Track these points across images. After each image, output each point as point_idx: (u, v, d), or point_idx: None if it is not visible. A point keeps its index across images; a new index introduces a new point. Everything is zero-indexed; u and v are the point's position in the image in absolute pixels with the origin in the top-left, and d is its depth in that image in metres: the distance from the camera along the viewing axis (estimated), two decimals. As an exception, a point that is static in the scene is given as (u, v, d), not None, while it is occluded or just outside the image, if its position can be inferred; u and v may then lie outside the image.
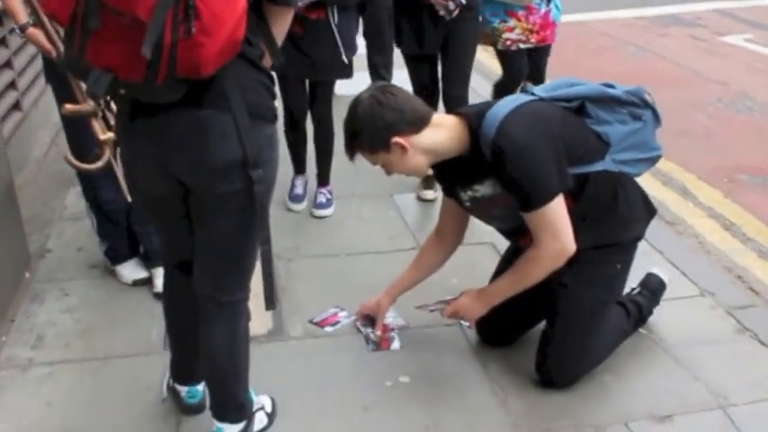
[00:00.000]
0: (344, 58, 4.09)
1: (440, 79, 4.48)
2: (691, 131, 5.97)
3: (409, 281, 3.27)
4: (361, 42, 4.71)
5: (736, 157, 5.52)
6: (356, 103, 2.71)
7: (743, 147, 5.72)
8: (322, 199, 4.50)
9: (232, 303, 2.46)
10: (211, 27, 1.83)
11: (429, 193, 4.53)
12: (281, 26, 2.23)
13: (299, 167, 4.62)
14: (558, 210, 2.71)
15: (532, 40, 4.92)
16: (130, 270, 3.70)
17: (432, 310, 3.17)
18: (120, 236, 3.67)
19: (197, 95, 2.04)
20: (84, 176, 3.46)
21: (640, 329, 3.34)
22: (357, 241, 4.18)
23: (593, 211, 2.86)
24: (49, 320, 3.44)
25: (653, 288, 3.40)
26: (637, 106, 2.95)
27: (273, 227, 4.11)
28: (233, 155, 2.12)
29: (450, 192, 3.05)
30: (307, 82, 4.32)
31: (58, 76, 3.15)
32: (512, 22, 4.83)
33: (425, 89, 4.39)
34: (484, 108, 2.76)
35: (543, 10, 4.83)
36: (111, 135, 2.83)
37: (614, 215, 2.87)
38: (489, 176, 2.80)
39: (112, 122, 2.83)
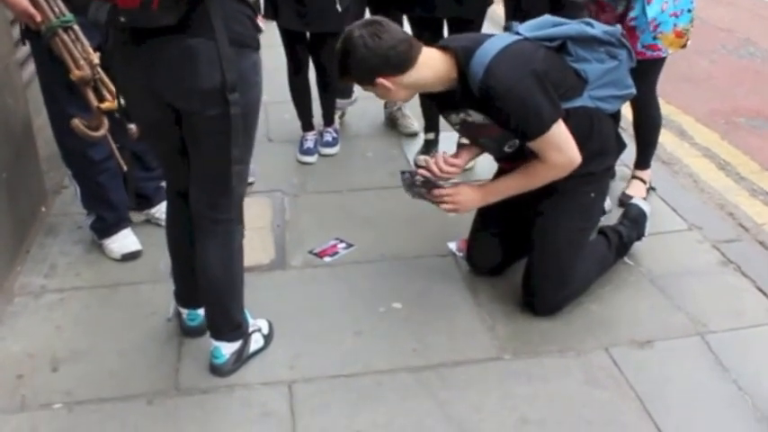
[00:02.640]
0: (338, 6, 4.13)
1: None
2: (692, 76, 6.03)
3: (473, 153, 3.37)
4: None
5: (735, 101, 5.59)
6: (346, 40, 2.81)
7: (742, 91, 5.79)
8: (328, 138, 4.62)
9: (225, 221, 2.61)
10: None
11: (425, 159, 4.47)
12: None
13: (307, 123, 4.67)
14: (559, 132, 2.87)
15: None
16: (119, 244, 3.59)
17: (416, 187, 3.16)
18: (105, 202, 3.56)
19: (186, 25, 2.18)
20: (67, 144, 3.41)
21: (627, 261, 3.48)
22: (360, 178, 4.33)
23: None
24: (62, 251, 3.61)
25: (632, 217, 3.53)
26: (613, 45, 3.08)
27: (282, 164, 4.29)
28: (215, 80, 2.27)
29: (439, 110, 3.21)
30: (308, 33, 4.38)
31: (43, 49, 3.02)
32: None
33: None
34: (471, 45, 2.87)
35: (620, 10, 3.64)
36: (108, 104, 2.87)
37: (589, 148, 3.00)
38: (477, 110, 2.93)
39: (105, 93, 2.89)
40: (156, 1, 2.04)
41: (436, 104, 3.20)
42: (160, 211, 3.69)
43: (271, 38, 5.45)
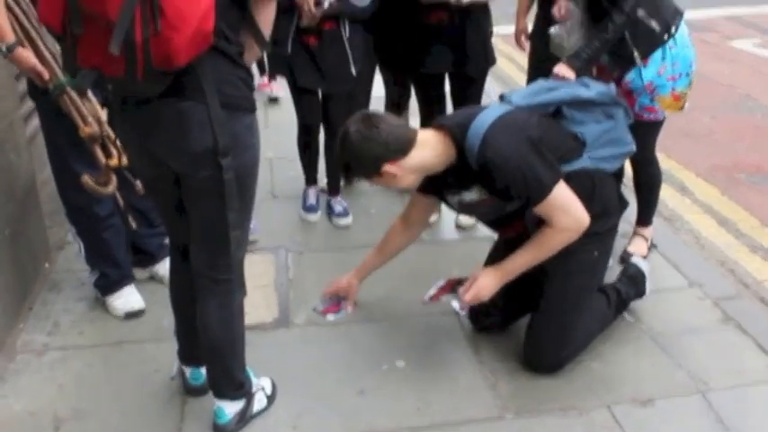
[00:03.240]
0: (353, 69, 4.18)
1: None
2: (693, 132, 6.08)
3: (375, 264, 3.46)
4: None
5: (736, 156, 5.64)
6: (344, 138, 2.87)
7: (743, 146, 5.84)
8: (339, 208, 4.57)
9: (224, 281, 2.63)
10: (177, 22, 2.01)
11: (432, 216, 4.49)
12: (265, 16, 2.38)
13: (311, 178, 4.67)
14: (561, 194, 2.89)
15: None
16: (122, 301, 3.60)
17: (444, 300, 3.25)
18: (109, 259, 3.57)
19: (178, 88, 2.22)
20: (72, 200, 3.44)
21: (629, 318, 3.51)
22: (364, 235, 4.33)
23: None
24: (65, 308, 3.63)
25: (630, 275, 3.56)
26: (609, 105, 3.13)
27: (286, 221, 4.31)
28: (206, 143, 2.31)
29: (436, 193, 3.23)
30: (320, 93, 4.40)
31: (49, 106, 3.09)
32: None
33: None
34: (465, 120, 2.92)
35: (615, 74, 3.70)
36: (116, 161, 2.93)
37: (593, 208, 3.02)
38: (475, 184, 2.98)
39: (112, 150, 2.96)
40: (141, 71, 2.08)
41: (434, 191, 3.23)
42: (164, 268, 3.71)
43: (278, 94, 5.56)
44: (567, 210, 2.91)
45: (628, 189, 4.04)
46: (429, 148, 2.92)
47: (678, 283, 3.85)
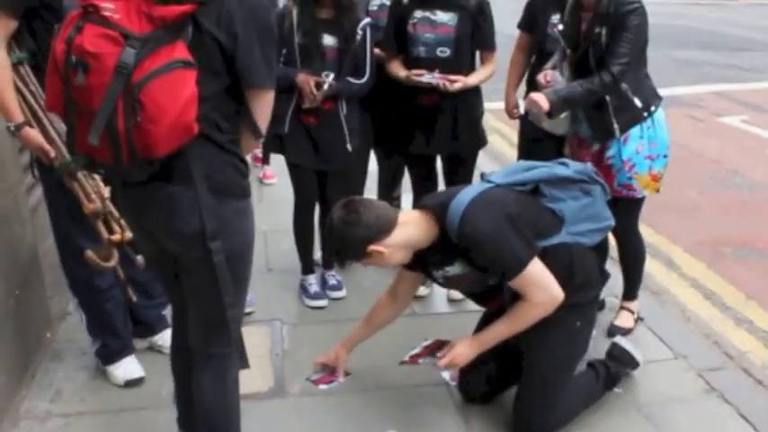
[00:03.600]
0: (349, 146, 4.30)
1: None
2: (681, 207, 6.26)
3: (362, 336, 3.58)
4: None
5: (722, 231, 5.79)
6: (329, 227, 3.05)
7: (729, 221, 6.01)
8: (334, 282, 4.66)
9: (219, 356, 2.72)
10: (155, 115, 2.15)
11: (421, 289, 4.54)
12: (261, 108, 2.51)
13: (308, 267, 4.65)
14: (536, 270, 3.03)
15: None
16: (123, 370, 3.70)
17: (421, 363, 3.37)
18: (111, 330, 3.68)
19: (168, 173, 2.36)
20: (74, 273, 3.56)
21: (616, 389, 3.59)
22: (357, 307, 4.39)
23: None
24: (67, 376, 3.73)
25: (614, 355, 3.66)
26: (587, 183, 3.30)
27: (281, 294, 4.42)
28: (195, 227, 2.43)
29: (422, 269, 3.37)
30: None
31: (54, 182, 3.24)
32: (565, 150, 4.07)
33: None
34: (446, 199, 3.09)
35: (594, 147, 3.89)
36: (118, 236, 3.05)
37: (573, 281, 3.16)
38: (458, 259, 3.14)
39: (114, 226, 3.09)
40: (126, 158, 2.20)
41: (419, 267, 3.36)
42: (162, 338, 3.83)
43: (274, 170, 5.71)
44: (541, 285, 3.05)
45: (614, 262, 4.19)
46: (412, 227, 3.09)
47: (664, 356, 3.95)
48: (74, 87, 2.17)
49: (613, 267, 4.21)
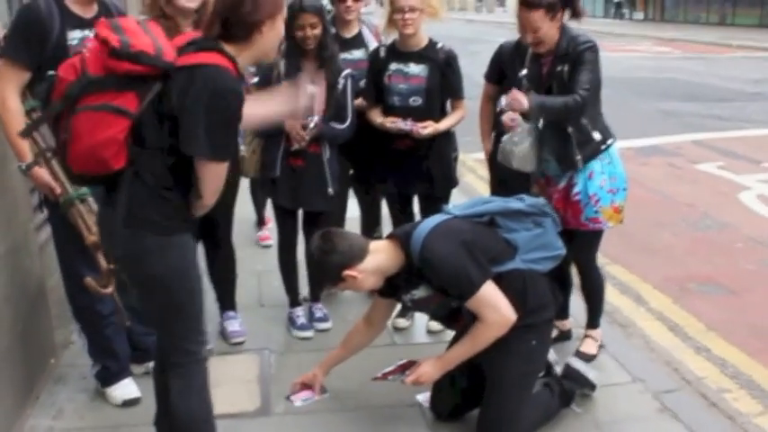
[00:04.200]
0: (330, 189, 4.62)
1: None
2: (652, 247, 6.60)
3: (339, 358, 3.98)
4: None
5: (689, 268, 6.13)
6: (309, 257, 3.49)
7: (696, 259, 6.34)
8: (320, 314, 4.95)
9: (181, 365, 3.03)
10: (74, 138, 2.67)
11: (401, 322, 4.90)
12: (201, 178, 2.79)
13: (295, 300, 4.96)
14: (489, 292, 3.38)
15: None
16: (120, 391, 3.95)
17: (391, 379, 3.74)
18: (110, 353, 3.96)
19: (110, 199, 2.85)
20: (77, 300, 3.87)
21: (576, 409, 3.89)
22: (340, 338, 4.71)
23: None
24: (69, 398, 4.04)
25: (568, 373, 3.96)
26: (538, 215, 3.66)
27: (271, 327, 4.74)
28: (116, 250, 2.94)
29: (393, 296, 3.74)
30: (300, 212, 4.83)
31: (59, 216, 3.58)
32: (534, 189, 4.36)
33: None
34: (410, 229, 3.49)
35: (562, 184, 4.17)
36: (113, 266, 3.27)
37: (528, 304, 3.50)
38: (422, 283, 3.51)
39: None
40: (68, 162, 2.80)
41: (386, 293, 3.72)
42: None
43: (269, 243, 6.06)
44: (494, 306, 3.39)
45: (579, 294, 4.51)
46: (381, 253, 3.47)
47: (623, 379, 4.25)
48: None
49: (578, 299, 4.54)
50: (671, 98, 14.17)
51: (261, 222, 6.53)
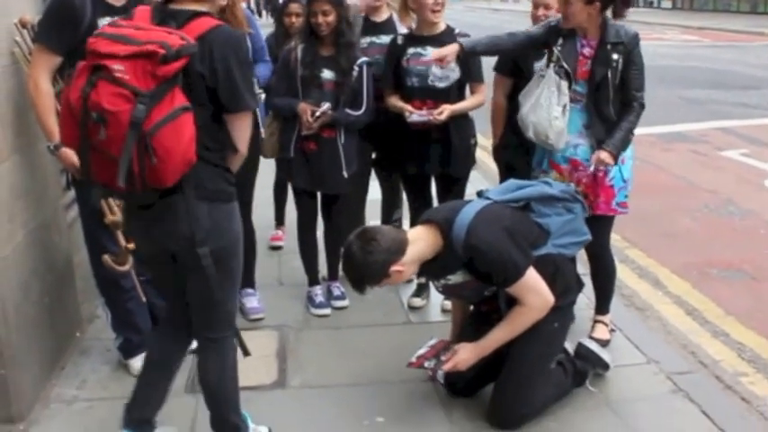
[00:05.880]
0: (344, 172, 4.71)
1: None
2: (673, 233, 6.60)
3: (454, 335, 3.96)
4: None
5: (710, 254, 6.12)
6: (349, 257, 3.42)
7: (717, 245, 6.33)
8: (338, 292, 5.04)
9: (217, 340, 3.15)
10: (165, 156, 2.60)
11: (416, 301, 5.01)
12: (237, 130, 2.93)
13: (314, 279, 5.05)
14: (532, 277, 3.44)
15: None
16: (141, 362, 3.97)
17: (426, 367, 3.73)
18: (132, 326, 4.08)
19: (168, 189, 2.76)
20: (102, 274, 3.94)
21: (591, 388, 3.94)
22: (358, 317, 4.86)
23: None
24: (93, 369, 4.16)
25: (582, 353, 4.01)
26: (569, 201, 3.72)
27: (290, 304, 4.81)
28: (184, 232, 2.85)
29: (428, 277, 3.80)
30: (319, 194, 4.91)
31: (87, 197, 3.66)
32: (552, 175, 4.20)
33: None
34: (450, 215, 3.50)
35: (592, 169, 4.07)
36: (133, 245, 3.33)
37: (554, 289, 3.55)
38: (460, 268, 3.52)
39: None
40: (139, 189, 2.67)
41: (424, 275, 3.78)
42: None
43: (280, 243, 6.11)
44: (536, 290, 3.46)
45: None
46: (421, 242, 3.48)
47: (637, 360, 4.28)
48: (96, 140, 2.61)
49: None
50: (696, 86, 14.09)
51: (279, 221, 6.34)
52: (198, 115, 2.70)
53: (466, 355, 3.59)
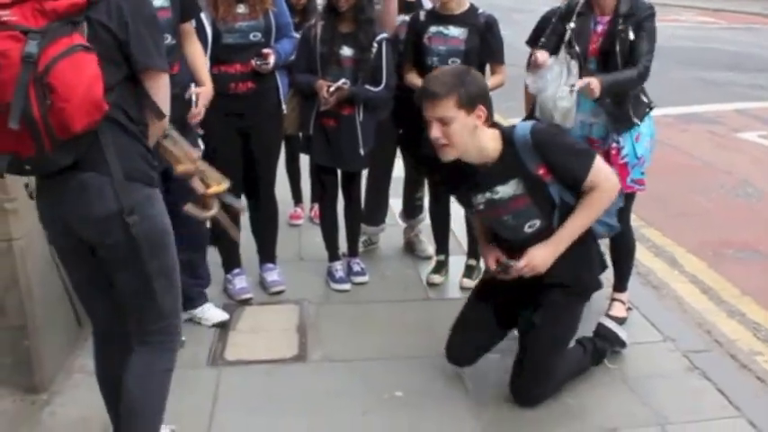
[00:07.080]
0: (361, 150, 4.72)
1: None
2: (689, 212, 6.62)
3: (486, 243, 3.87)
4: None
5: (726, 234, 6.13)
6: (446, 68, 3.70)
7: (733, 225, 6.33)
8: (357, 268, 5.08)
9: (152, 344, 2.85)
10: (65, 93, 2.34)
11: (435, 277, 5.04)
12: (157, 89, 2.66)
13: (334, 255, 5.07)
14: (601, 162, 3.50)
15: None
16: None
17: (501, 265, 3.63)
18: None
19: (83, 162, 2.53)
20: None
21: (609, 365, 3.98)
22: (378, 293, 4.91)
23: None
24: (115, 341, 4.20)
25: (601, 332, 4.05)
26: None
27: (310, 279, 4.90)
28: (109, 207, 2.56)
29: (459, 196, 3.81)
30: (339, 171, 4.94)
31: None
32: None
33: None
34: (511, 126, 3.55)
35: (606, 147, 4.16)
36: (215, 188, 3.02)
37: (588, 267, 3.67)
38: (515, 178, 3.48)
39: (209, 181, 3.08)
40: (48, 144, 2.39)
41: (458, 196, 3.81)
42: (202, 311, 4.33)
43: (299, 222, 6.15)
44: (607, 173, 3.48)
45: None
46: (487, 135, 3.46)
47: (653, 338, 4.32)
48: None
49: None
50: (713, 68, 14.00)
51: (297, 199, 6.27)
52: (110, 74, 2.50)
53: (541, 252, 3.52)
